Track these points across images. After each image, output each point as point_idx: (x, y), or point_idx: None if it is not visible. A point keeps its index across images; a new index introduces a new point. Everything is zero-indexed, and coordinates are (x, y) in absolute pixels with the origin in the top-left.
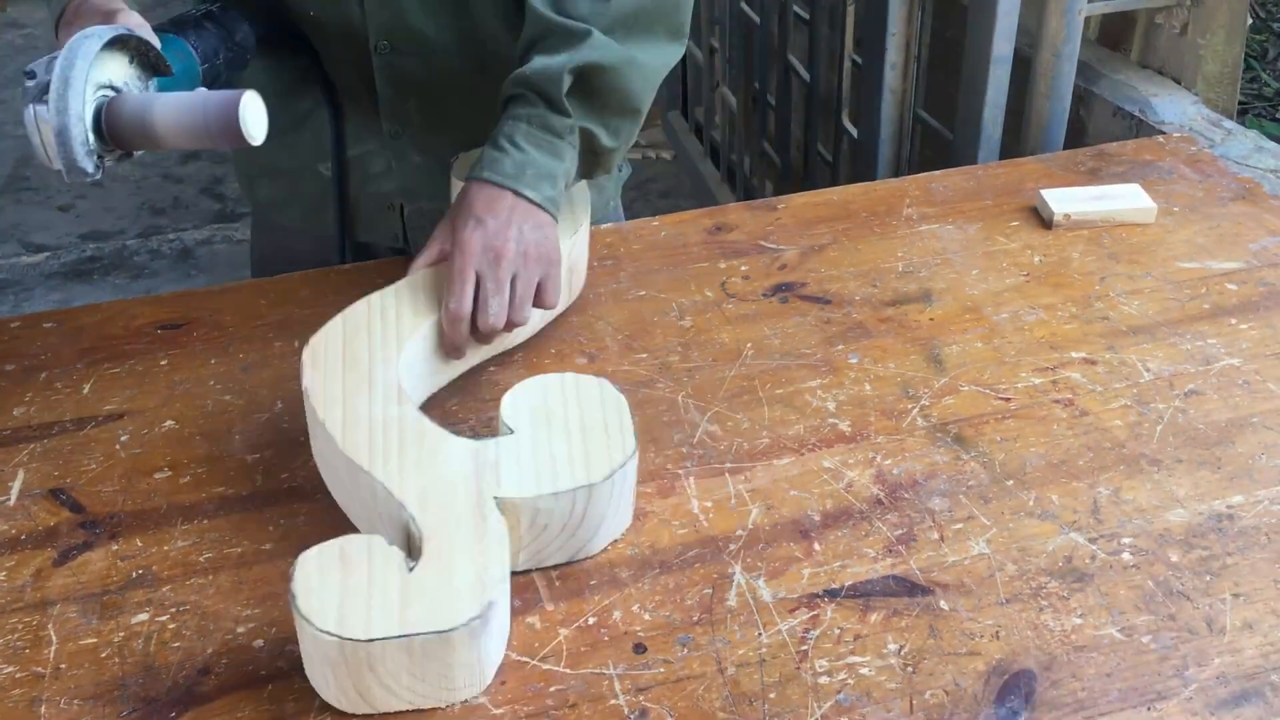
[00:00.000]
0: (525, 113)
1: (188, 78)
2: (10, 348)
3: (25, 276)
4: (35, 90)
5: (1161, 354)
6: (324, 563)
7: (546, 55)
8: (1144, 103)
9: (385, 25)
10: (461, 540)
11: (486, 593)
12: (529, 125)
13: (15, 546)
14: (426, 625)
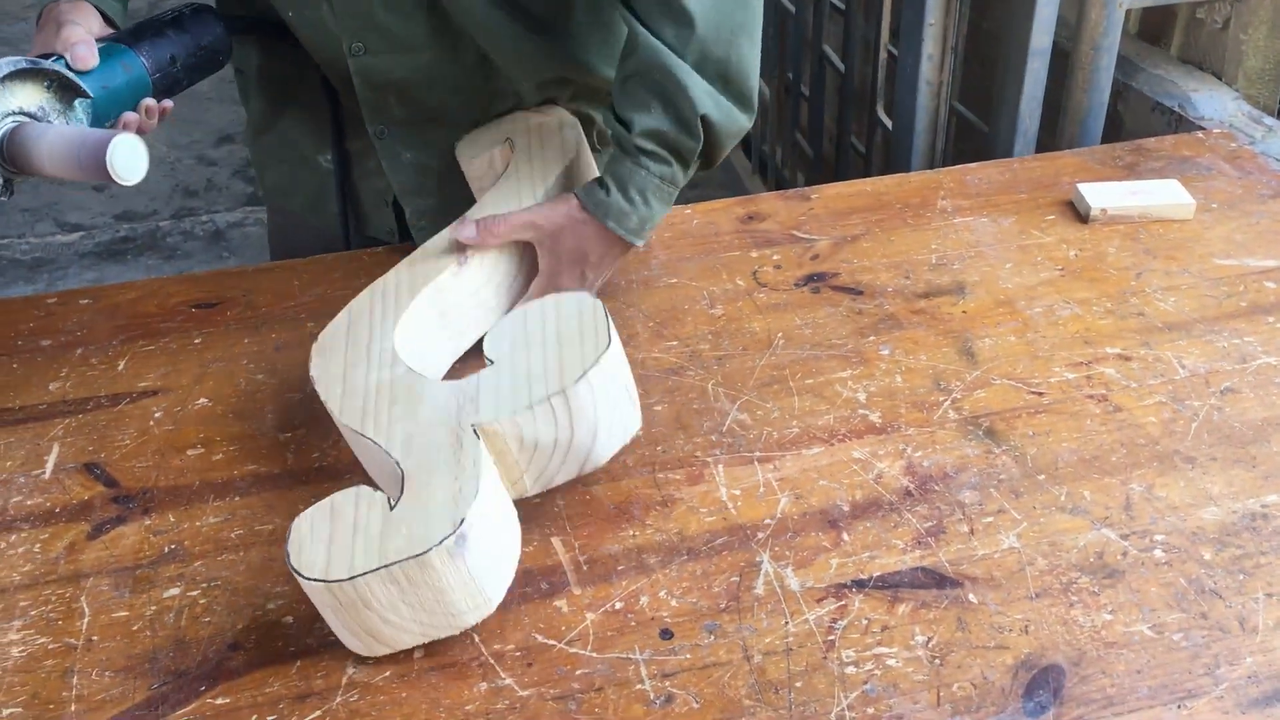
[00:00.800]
0: (660, 170)
1: (132, 90)
2: (47, 324)
3: (60, 255)
4: None
5: (1197, 351)
6: (315, 519)
7: (669, 107)
8: (1183, 98)
9: (356, 27)
10: (440, 471)
11: (459, 510)
12: (661, 182)
13: (50, 519)
14: (404, 553)
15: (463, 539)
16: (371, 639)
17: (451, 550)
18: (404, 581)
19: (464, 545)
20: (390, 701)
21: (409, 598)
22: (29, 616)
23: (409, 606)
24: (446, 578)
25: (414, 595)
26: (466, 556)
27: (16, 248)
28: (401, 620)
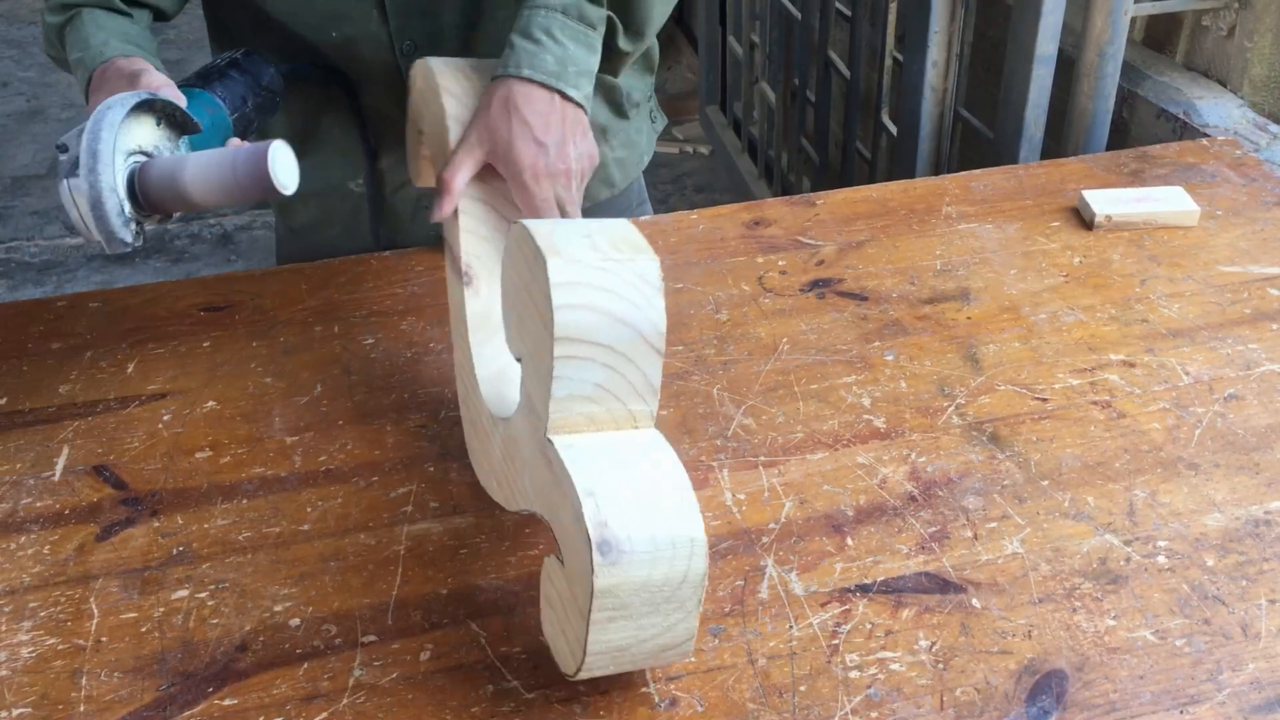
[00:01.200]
0: (562, 5)
1: (218, 130)
2: (56, 326)
3: (69, 258)
4: (67, 165)
5: (1201, 358)
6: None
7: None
8: (1188, 105)
9: (407, 27)
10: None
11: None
12: (565, 16)
13: (59, 521)
14: (584, 599)
15: (606, 546)
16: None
17: (605, 564)
18: (620, 609)
19: (610, 551)
20: (397, 703)
21: (651, 611)
22: (38, 617)
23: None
24: (625, 581)
25: (648, 609)
26: (619, 558)
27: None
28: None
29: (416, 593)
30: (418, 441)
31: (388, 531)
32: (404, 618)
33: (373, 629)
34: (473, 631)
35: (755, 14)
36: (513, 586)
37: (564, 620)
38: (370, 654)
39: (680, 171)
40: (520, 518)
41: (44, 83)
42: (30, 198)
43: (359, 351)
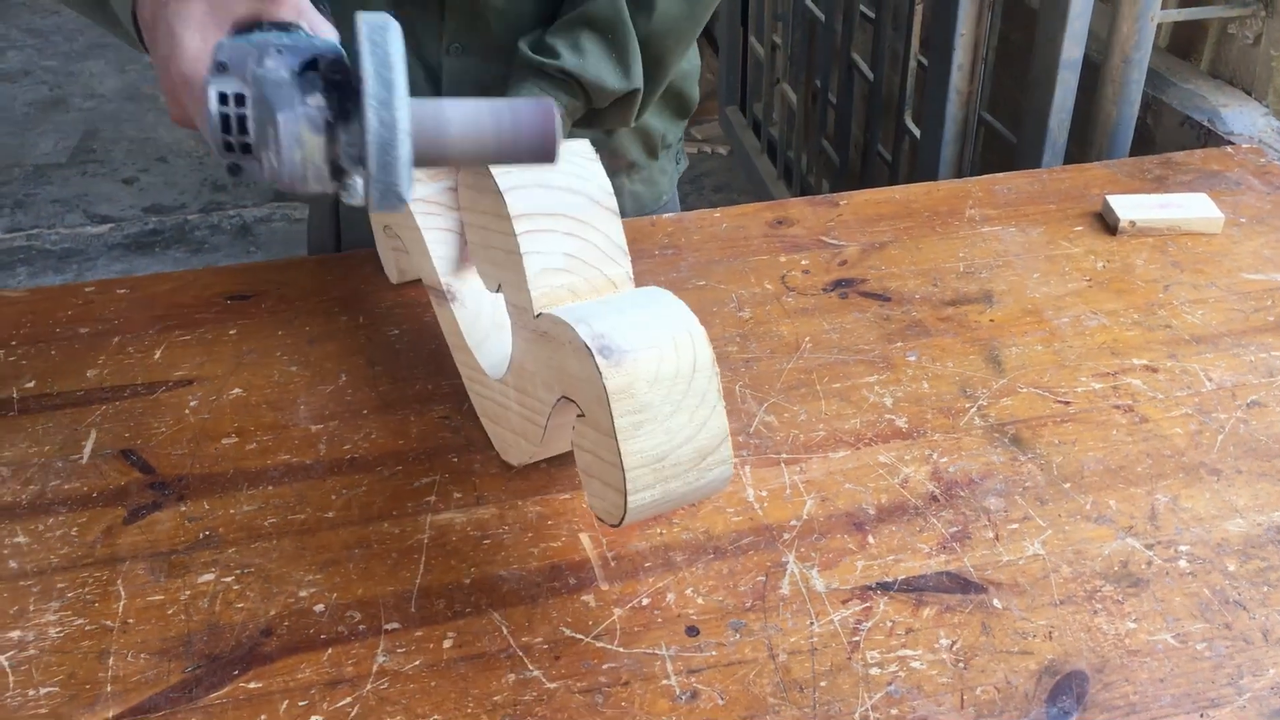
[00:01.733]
0: (567, 101)
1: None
2: (85, 312)
3: (89, 246)
4: (290, 89)
5: (1224, 364)
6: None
7: (604, 61)
8: (1213, 112)
9: (461, 28)
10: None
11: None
12: (566, 113)
13: (87, 503)
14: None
15: (607, 350)
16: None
17: (610, 365)
18: (641, 411)
19: (611, 353)
20: (420, 690)
21: (675, 410)
22: (66, 598)
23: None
24: (634, 378)
25: (670, 408)
26: (622, 358)
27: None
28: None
29: (439, 581)
30: (441, 432)
31: (411, 520)
32: (427, 606)
33: (396, 616)
34: (495, 621)
35: (778, 15)
36: (535, 577)
37: (602, 473)
38: (394, 641)
39: (699, 171)
40: (543, 509)
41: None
42: (51, 186)
43: (383, 342)
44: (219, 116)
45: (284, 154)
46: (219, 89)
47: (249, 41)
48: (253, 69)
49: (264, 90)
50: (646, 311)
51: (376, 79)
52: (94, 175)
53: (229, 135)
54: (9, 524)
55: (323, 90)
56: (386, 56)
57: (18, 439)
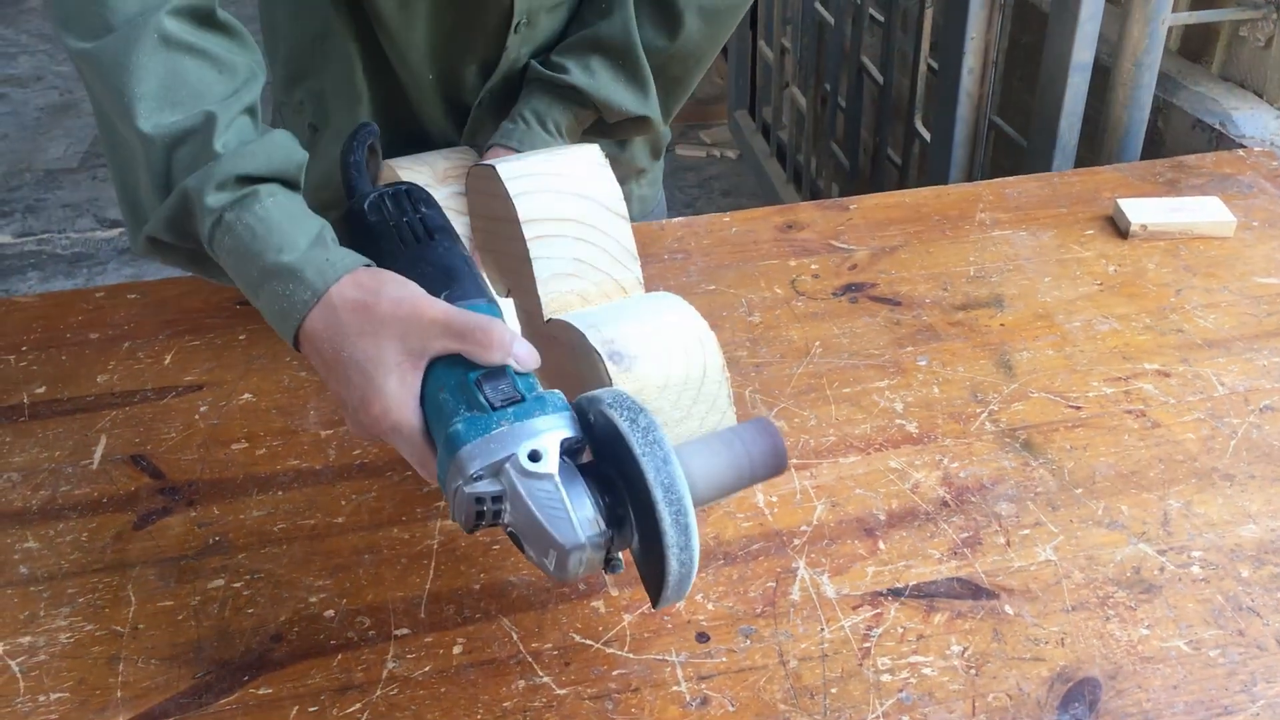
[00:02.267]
0: (577, 111)
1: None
2: (95, 317)
3: (99, 251)
4: (567, 519)
5: (1237, 368)
6: None
7: (616, 84)
8: (1224, 115)
9: (497, 81)
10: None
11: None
12: (575, 122)
13: (97, 509)
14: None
15: (617, 356)
16: None
17: (620, 372)
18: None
19: (622, 359)
20: (430, 696)
21: (685, 416)
22: (77, 604)
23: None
24: (645, 384)
25: (681, 413)
26: (632, 363)
27: (57, 243)
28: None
29: (449, 587)
30: None
31: (421, 526)
32: (437, 611)
33: (406, 622)
34: (504, 627)
35: (787, 19)
36: (544, 583)
37: None
38: (403, 646)
39: (707, 175)
40: None
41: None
42: (62, 190)
43: None
44: (475, 514)
45: (569, 571)
46: (477, 494)
47: (490, 433)
48: (515, 477)
49: (540, 513)
50: (657, 317)
51: (675, 527)
52: (104, 180)
53: (481, 522)
54: (20, 529)
55: (594, 501)
56: (679, 498)
57: (28, 444)
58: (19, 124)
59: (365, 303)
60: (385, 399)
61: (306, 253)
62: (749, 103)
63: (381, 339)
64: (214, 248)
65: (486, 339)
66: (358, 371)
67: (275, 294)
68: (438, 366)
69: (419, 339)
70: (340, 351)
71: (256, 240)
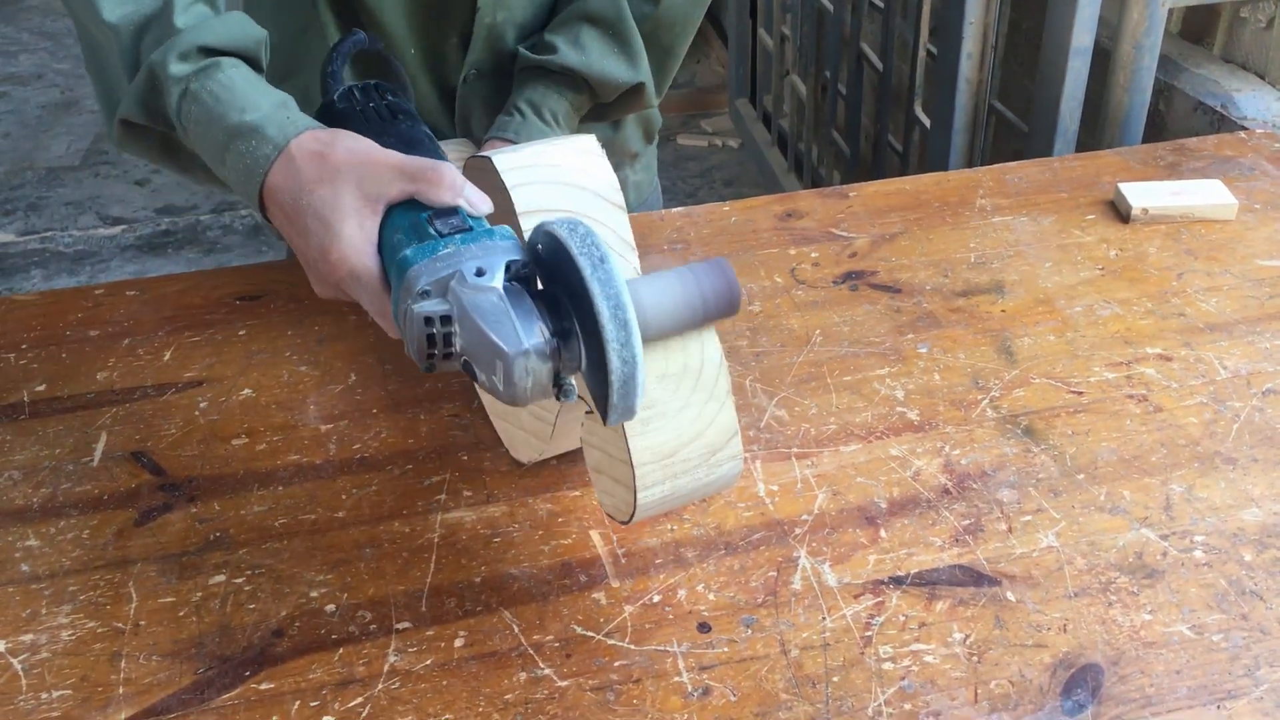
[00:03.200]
0: (572, 97)
1: None
2: (95, 314)
3: (102, 248)
4: (510, 323)
5: (1239, 352)
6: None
7: (607, 56)
8: (1226, 98)
9: (479, 59)
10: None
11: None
12: (571, 109)
13: (98, 506)
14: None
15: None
16: None
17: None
18: (648, 406)
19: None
20: (431, 689)
21: (683, 406)
22: (78, 601)
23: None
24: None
25: (679, 404)
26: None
27: (60, 240)
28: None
29: (450, 580)
30: (451, 430)
31: (422, 519)
32: (438, 605)
33: (407, 615)
34: (506, 619)
35: (786, 6)
36: (546, 575)
37: (612, 469)
38: (405, 640)
39: (709, 165)
40: (553, 507)
41: (77, 74)
42: (64, 188)
43: (393, 341)
44: (425, 338)
45: (516, 385)
46: (425, 313)
47: (436, 255)
48: (458, 291)
49: (482, 324)
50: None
51: (614, 321)
52: (106, 177)
53: (434, 350)
54: (21, 527)
55: (539, 314)
56: (614, 285)
57: (29, 442)
58: (20, 122)
59: (322, 153)
60: (342, 245)
61: (269, 112)
62: (750, 91)
63: (338, 185)
64: (181, 119)
65: (438, 179)
66: (316, 219)
67: (239, 153)
68: (394, 212)
69: (374, 184)
70: (299, 200)
71: (220, 104)
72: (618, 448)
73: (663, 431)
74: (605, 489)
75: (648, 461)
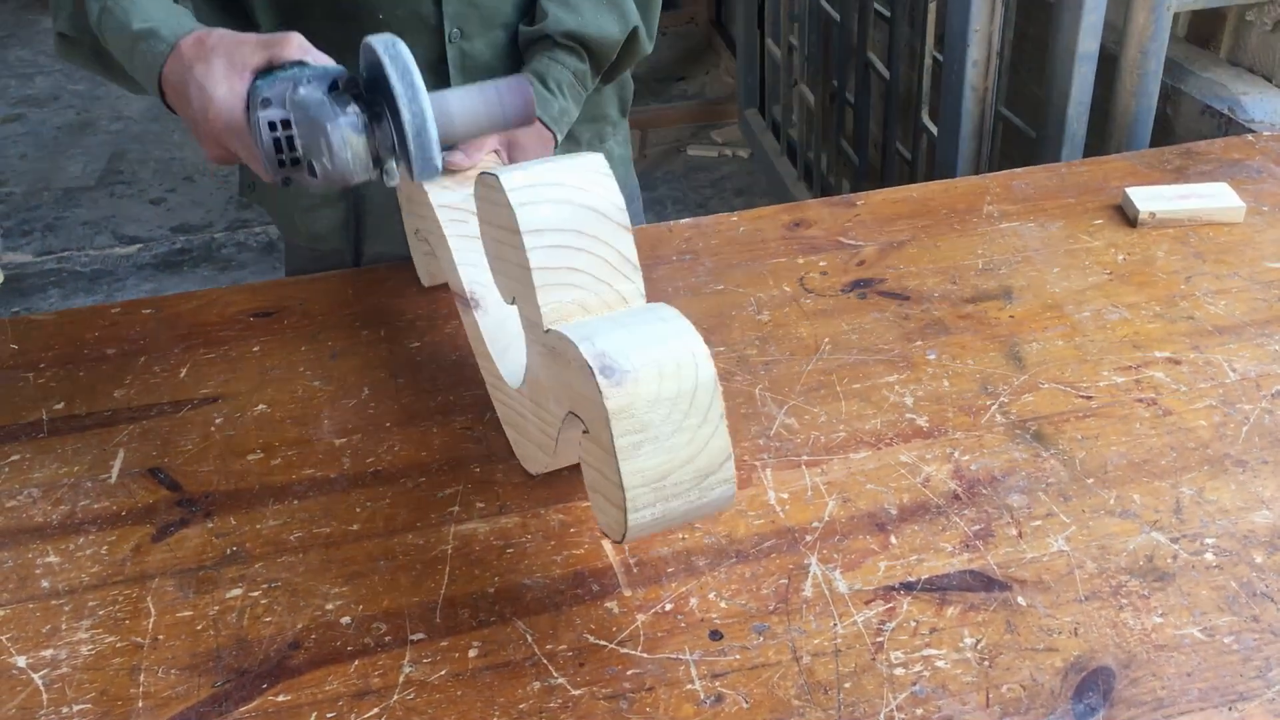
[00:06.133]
0: (574, 65)
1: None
2: (111, 333)
3: (118, 267)
4: (329, 106)
5: (1248, 354)
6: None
7: (599, 12)
8: (1233, 101)
9: (459, 13)
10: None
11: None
12: (575, 78)
13: (116, 522)
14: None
15: (608, 370)
16: None
17: (611, 385)
18: (641, 430)
19: (613, 373)
20: (446, 700)
21: (676, 430)
22: (97, 616)
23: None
24: (635, 398)
25: (671, 428)
26: (623, 377)
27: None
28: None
29: (464, 591)
30: (464, 443)
31: (435, 531)
32: (452, 616)
33: (422, 627)
34: (519, 629)
35: (794, 16)
36: (559, 585)
37: (605, 490)
38: (419, 651)
39: (719, 175)
40: (565, 517)
41: (93, 95)
42: (81, 209)
43: (405, 355)
44: (271, 141)
45: (336, 157)
46: (268, 119)
47: (279, 78)
48: (291, 97)
49: (309, 112)
50: (651, 329)
51: (402, 82)
52: (122, 197)
53: (281, 154)
54: (40, 544)
55: (353, 101)
56: (405, 64)
57: (48, 460)
58: (37, 143)
59: (201, 38)
60: (217, 105)
61: (163, 19)
62: (759, 101)
63: (212, 59)
64: (102, 31)
65: (287, 41)
66: (196, 89)
67: (142, 52)
68: (259, 79)
69: (240, 55)
70: (185, 77)
71: (127, 15)
72: (609, 469)
73: (654, 455)
74: (600, 507)
75: (638, 485)
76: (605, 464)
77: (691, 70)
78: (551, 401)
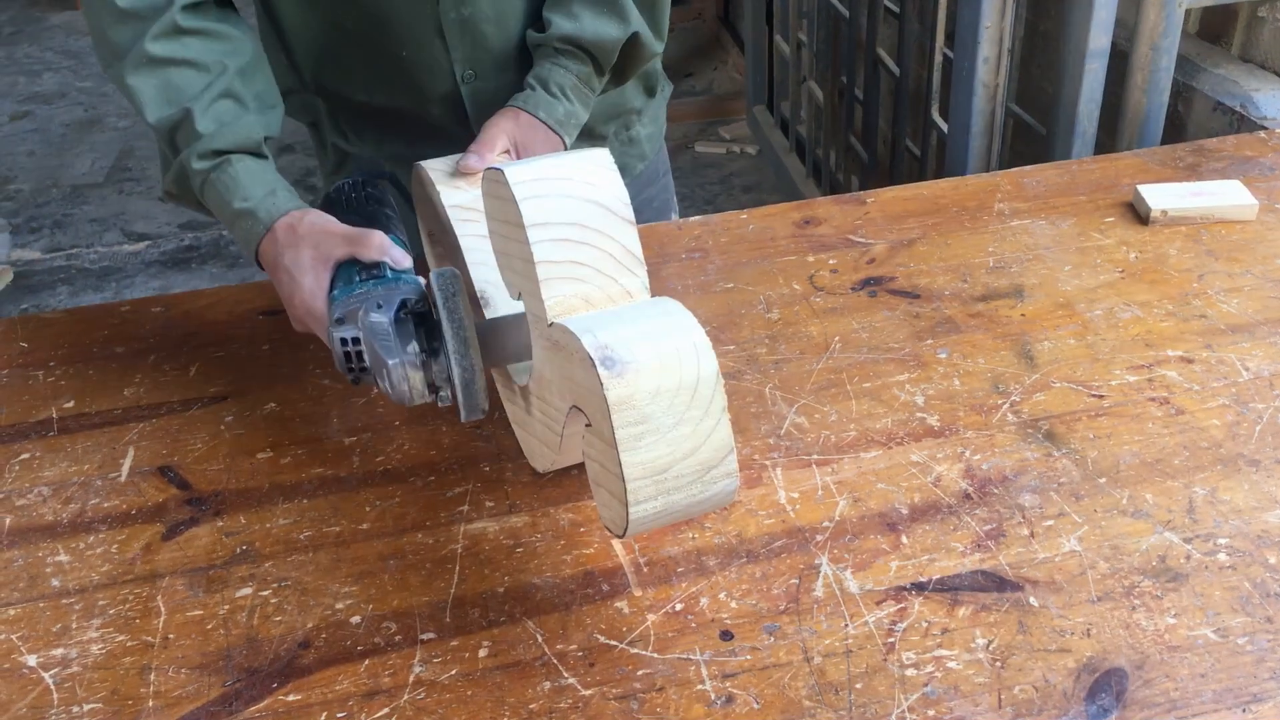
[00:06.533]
0: (576, 69)
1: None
2: (121, 331)
3: (127, 264)
4: (393, 340)
5: (1261, 353)
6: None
7: (598, 18)
8: (1245, 98)
9: (470, 58)
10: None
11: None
12: (578, 81)
13: (126, 521)
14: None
15: (609, 361)
16: None
17: (612, 377)
18: (642, 422)
19: (614, 364)
20: (456, 699)
21: (677, 422)
22: (108, 615)
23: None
24: (636, 390)
25: (673, 420)
26: (624, 369)
27: (85, 257)
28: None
29: (474, 591)
30: (473, 442)
31: (445, 530)
32: (462, 615)
33: (431, 626)
34: (529, 629)
35: (803, 13)
36: (568, 584)
37: (608, 483)
38: (429, 651)
39: (728, 171)
40: (575, 516)
41: (100, 92)
42: (89, 205)
43: None
44: (343, 354)
45: (395, 387)
46: (340, 336)
47: (355, 293)
48: (362, 320)
49: (375, 342)
50: (653, 323)
51: (455, 337)
52: (130, 194)
53: (351, 364)
54: (51, 543)
55: (416, 334)
56: (458, 315)
57: (58, 459)
58: (45, 140)
59: (293, 225)
60: (303, 292)
61: (261, 200)
62: (767, 98)
63: (301, 249)
64: (204, 199)
65: (369, 241)
66: (286, 274)
67: (241, 228)
68: (341, 268)
69: (326, 247)
70: (277, 261)
71: (228, 192)
72: (611, 461)
73: (655, 447)
74: (603, 501)
75: (639, 477)
76: (607, 456)
77: (699, 66)
78: (556, 396)
